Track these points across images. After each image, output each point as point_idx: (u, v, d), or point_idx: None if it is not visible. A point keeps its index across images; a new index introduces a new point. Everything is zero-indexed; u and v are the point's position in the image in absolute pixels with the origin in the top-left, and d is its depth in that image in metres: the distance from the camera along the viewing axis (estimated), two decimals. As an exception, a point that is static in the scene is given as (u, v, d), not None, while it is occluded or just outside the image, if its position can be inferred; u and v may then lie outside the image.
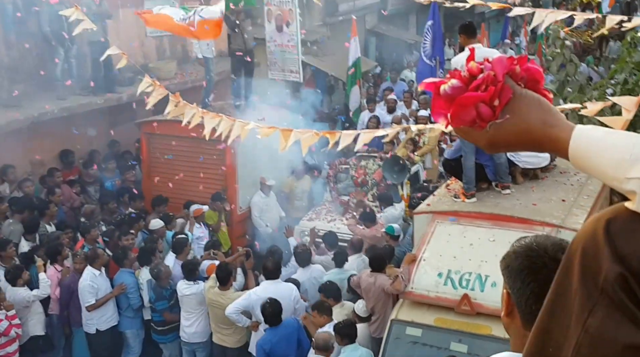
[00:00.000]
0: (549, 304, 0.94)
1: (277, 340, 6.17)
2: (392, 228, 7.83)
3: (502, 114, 1.04)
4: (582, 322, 0.87)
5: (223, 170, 9.26)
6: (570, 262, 0.91)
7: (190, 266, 7.16)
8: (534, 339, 0.96)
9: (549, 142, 1.03)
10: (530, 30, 18.01)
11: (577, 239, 0.92)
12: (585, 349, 0.86)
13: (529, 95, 1.06)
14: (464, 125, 1.07)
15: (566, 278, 0.92)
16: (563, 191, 6.53)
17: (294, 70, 11.41)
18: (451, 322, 5.67)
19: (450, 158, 6.92)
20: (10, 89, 9.29)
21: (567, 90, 6.56)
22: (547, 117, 1.04)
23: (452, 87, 1.06)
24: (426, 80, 1.13)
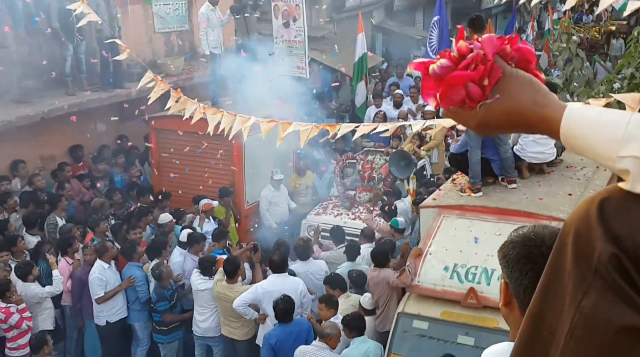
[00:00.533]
0: (543, 287, 0.93)
1: (285, 337, 6.21)
2: (397, 221, 7.91)
3: (492, 94, 1.01)
4: (576, 304, 0.86)
5: (231, 165, 9.34)
6: (564, 244, 0.90)
7: (206, 263, 7.21)
8: (527, 323, 0.94)
9: (541, 122, 1.00)
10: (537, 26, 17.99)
11: (570, 220, 0.91)
12: (580, 330, 0.86)
13: (520, 74, 1.03)
14: (453, 106, 1.04)
15: (559, 260, 0.91)
16: (569, 185, 6.54)
17: (301, 66, 11.46)
18: (457, 316, 5.72)
19: (457, 152, 6.94)
20: (21, 85, 9.39)
21: (573, 85, 6.57)
22: (538, 97, 1.01)
23: (441, 67, 1.03)
24: (415, 61, 1.10)
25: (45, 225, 8.33)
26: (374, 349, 6.03)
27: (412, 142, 10.41)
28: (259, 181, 9.59)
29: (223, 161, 9.34)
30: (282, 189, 9.67)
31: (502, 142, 6.52)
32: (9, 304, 6.63)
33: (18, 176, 9.10)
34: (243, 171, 9.40)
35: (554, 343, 0.88)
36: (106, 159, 10.18)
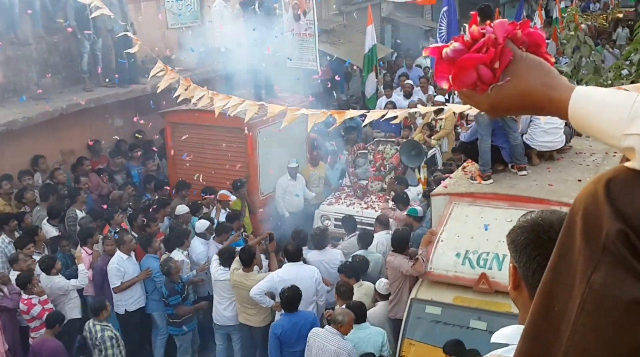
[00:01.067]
0: (553, 265, 0.95)
1: (290, 327, 6.28)
2: (415, 210, 7.97)
3: (503, 77, 1.04)
4: (586, 280, 0.88)
5: (245, 157, 9.50)
6: (573, 223, 0.92)
7: (227, 254, 7.33)
8: (539, 300, 0.96)
9: (549, 104, 1.03)
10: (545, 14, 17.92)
11: (578, 199, 0.92)
12: (590, 305, 0.87)
13: (530, 58, 1.05)
14: (465, 88, 1.07)
15: (569, 238, 0.92)
16: (579, 171, 6.59)
17: (311, 59, 11.57)
18: (470, 301, 5.81)
19: (467, 141, 7.03)
20: (39, 82, 9.60)
21: (582, 73, 6.63)
22: (547, 79, 1.03)
23: (454, 50, 1.06)
24: (430, 46, 1.13)
25: (65, 218, 8.54)
26: (374, 334, 6.11)
27: (422, 131, 10.52)
28: (274, 171, 9.75)
29: (237, 153, 9.51)
30: (299, 179, 9.82)
31: (512, 130, 6.58)
32: (31, 296, 6.79)
33: (39, 171, 9.30)
34: (257, 163, 9.57)
35: (565, 318, 0.90)
36: (123, 153, 10.37)
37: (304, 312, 6.42)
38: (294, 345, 6.27)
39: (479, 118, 6.54)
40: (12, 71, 9.29)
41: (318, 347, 5.79)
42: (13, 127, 8.72)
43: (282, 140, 9.54)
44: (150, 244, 7.75)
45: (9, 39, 9.11)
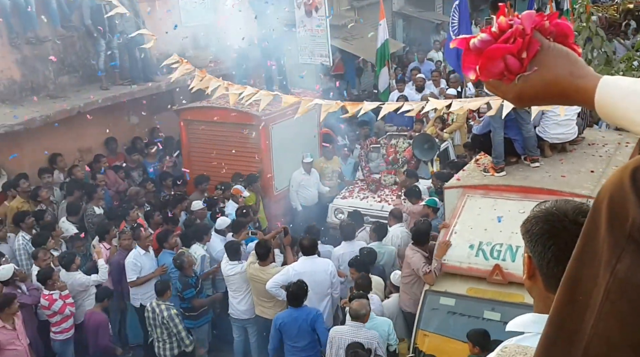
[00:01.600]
0: (578, 253, 0.95)
1: (290, 321, 6.35)
2: (435, 201, 7.97)
3: (530, 67, 1.05)
4: (611, 269, 0.87)
5: (259, 152, 9.61)
6: (598, 211, 0.91)
7: (234, 246, 7.42)
8: (564, 288, 0.96)
9: (576, 93, 1.03)
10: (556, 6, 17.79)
11: (604, 188, 0.91)
12: (615, 294, 0.87)
13: (557, 48, 1.06)
14: (492, 78, 1.08)
15: (594, 226, 0.92)
16: (592, 162, 6.60)
17: (323, 54, 11.65)
18: (483, 292, 5.85)
19: (479, 133, 7.06)
20: (57, 81, 9.76)
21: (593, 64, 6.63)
22: (574, 69, 1.04)
23: (482, 41, 1.08)
24: (457, 38, 1.14)
25: (83, 215, 8.69)
26: (381, 324, 6.15)
27: (434, 125, 10.56)
28: (288, 167, 9.85)
29: (251, 149, 9.62)
30: (313, 173, 9.92)
31: (525, 122, 6.61)
32: (52, 291, 6.89)
33: (57, 169, 9.42)
34: (271, 158, 9.68)
35: (589, 307, 0.90)
36: (139, 150, 10.50)
37: (307, 309, 6.44)
38: (295, 339, 6.35)
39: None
40: (30, 70, 9.45)
41: (345, 343, 5.84)
42: (31, 125, 8.86)
43: (296, 135, 9.64)
44: (166, 240, 7.85)
45: (26, 38, 9.26)
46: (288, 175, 9.94)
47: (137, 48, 10.00)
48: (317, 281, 6.59)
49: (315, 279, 6.61)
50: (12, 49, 9.15)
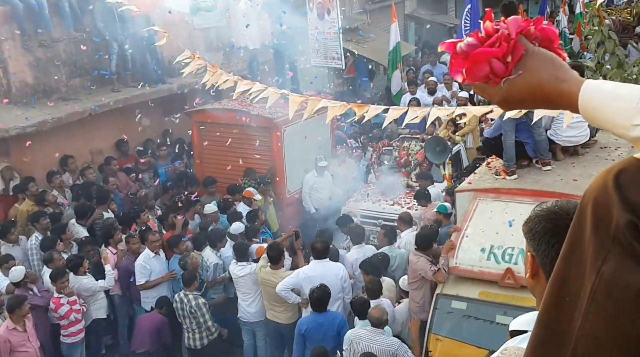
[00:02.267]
0: (564, 254, 0.96)
1: (316, 326, 6.30)
2: (445, 207, 7.90)
3: (515, 70, 1.07)
4: (597, 270, 0.88)
5: (272, 155, 9.63)
6: (583, 213, 0.93)
7: (241, 248, 7.42)
8: (551, 289, 0.97)
9: (560, 97, 1.05)
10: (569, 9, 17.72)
11: (589, 190, 0.93)
12: (601, 295, 0.88)
13: (542, 52, 1.08)
14: (479, 81, 1.10)
15: (580, 228, 0.93)
16: (604, 166, 6.45)
17: (335, 57, 11.67)
18: (495, 296, 5.80)
19: (491, 137, 7.03)
20: (68, 83, 9.84)
21: (606, 68, 6.57)
22: (559, 73, 1.06)
23: (468, 45, 1.10)
24: (446, 42, 1.16)
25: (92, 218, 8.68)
26: None
27: (446, 128, 10.53)
28: (300, 170, 9.85)
29: (263, 152, 9.64)
30: (326, 176, 9.92)
31: (536, 125, 6.57)
32: (60, 295, 6.89)
33: (68, 171, 9.46)
34: (284, 161, 9.69)
35: (577, 307, 0.91)
36: (151, 152, 10.55)
37: (333, 314, 6.41)
38: (316, 343, 6.28)
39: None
40: (42, 72, 9.53)
41: (363, 349, 5.81)
42: (43, 127, 8.92)
43: (308, 138, 9.65)
44: (177, 245, 7.82)
45: (39, 41, 9.35)
46: (300, 178, 9.95)
47: (148, 51, 10.06)
48: (329, 284, 6.58)
49: (326, 283, 6.60)
50: (24, 51, 9.24)
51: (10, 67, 9.06)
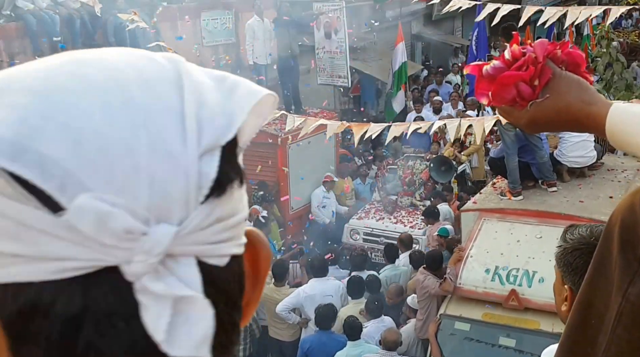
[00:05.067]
0: (590, 276, 0.95)
1: (318, 346, 6.21)
2: (446, 230, 7.84)
3: (542, 93, 1.07)
4: (623, 292, 0.88)
5: (275, 171, 9.67)
6: (610, 234, 0.92)
7: None
8: (575, 311, 0.97)
9: (587, 120, 1.04)
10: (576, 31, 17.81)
11: (616, 211, 0.93)
12: (627, 318, 0.87)
13: (569, 76, 1.08)
14: (505, 104, 1.10)
15: (606, 250, 0.92)
16: (610, 187, 6.53)
17: (342, 76, 11.76)
18: (499, 317, 5.76)
19: (496, 157, 7.03)
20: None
21: (613, 89, 6.60)
22: (586, 96, 1.05)
23: (494, 68, 1.10)
24: (471, 64, 1.17)
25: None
26: (368, 351, 5.98)
27: (452, 147, 10.55)
28: (305, 186, 9.88)
29: (268, 168, 9.68)
30: (332, 193, 9.96)
31: (537, 148, 6.56)
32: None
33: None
34: (288, 177, 9.73)
35: (602, 330, 0.90)
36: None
37: (337, 335, 6.31)
38: None
39: (504, 136, 6.55)
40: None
41: None
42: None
43: (312, 156, 9.68)
44: None
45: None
46: (305, 195, 9.97)
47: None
48: (329, 303, 6.54)
49: (327, 301, 6.56)
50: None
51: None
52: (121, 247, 0.45)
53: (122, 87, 0.48)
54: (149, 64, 0.51)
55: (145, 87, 0.49)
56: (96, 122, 0.46)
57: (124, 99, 0.47)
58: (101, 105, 0.47)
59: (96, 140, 0.45)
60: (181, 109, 0.49)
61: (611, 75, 6.67)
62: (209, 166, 0.49)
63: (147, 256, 0.46)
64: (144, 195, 0.46)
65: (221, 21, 11.75)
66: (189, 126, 0.48)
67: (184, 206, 0.48)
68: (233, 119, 0.51)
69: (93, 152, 0.45)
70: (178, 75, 0.51)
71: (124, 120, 0.47)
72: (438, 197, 9.16)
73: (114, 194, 0.45)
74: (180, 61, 0.53)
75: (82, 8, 9.86)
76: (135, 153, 0.46)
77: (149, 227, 0.46)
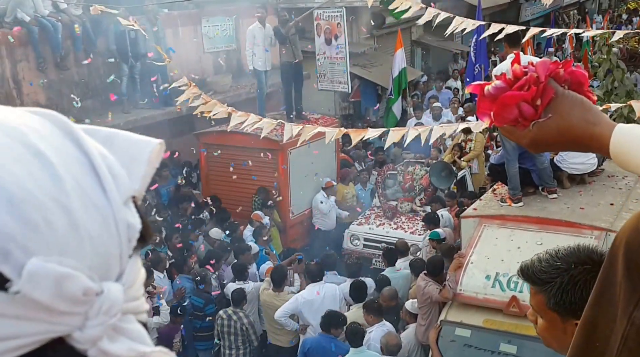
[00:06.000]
0: (595, 298, 0.94)
1: (319, 348, 6.23)
2: (437, 233, 7.88)
3: (545, 114, 1.06)
4: (628, 315, 0.87)
5: (276, 177, 9.69)
6: (615, 256, 0.91)
7: (239, 267, 7.46)
8: (581, 333, 0.96)
9: (591, 140, 1.03)
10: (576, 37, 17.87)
11: (620, 233, 0.92)
12: (632, 341, 0.86)
13: (571, 95, 1.06)
14: (507, 124, 1.09)
15: (611, 272, 0.91)
16: (611, 194, 6.53)
17: (342, 81, 11.80)
18: (500, 324, 5.75)
19: (497, 163, 7.04)
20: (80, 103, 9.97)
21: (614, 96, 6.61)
22: (589, 116, 1.04)
23: (496, 88, 1.09)
24: (472, 84, 1.16)
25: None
26: None
27: (452, 153, 10.56)
28: (306, 192, 9.89)
29: (269, 174, 9.70)
30: (331, 199, 9.98)
31: (539, 154, 6.58)
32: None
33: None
34: (289, 183, 9.74)
35: (607, 353, 0.90)
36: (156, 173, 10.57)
37: (340, 342, 6.29)
38: None
39: (504, 142, 6.57)
40: (55, 94, 9.65)
41: None
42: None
43: (313, 161, 9.71)
44: (185, 263, 7.80)
45: (55, 63, 9.51)
46: (305, 200, 9.99)
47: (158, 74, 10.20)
48: (327, 306, 6.55)
49: (324, 305, 6.56)
50: (38, 73, 9.38)
51: (24, 89, 9.20)
52: (75, 312, 0.42)
53: (23, 142, 0.45)
54: (28, 119, 0.49)
55: (45, 141, 0.46)
56: (19, 178, 0.43)
57: (33, 152, 0.45)
58: (13, 161, 0.44)
59: (28, 197, 0.42)
60: (88, 160, 0.47)
61: (611, 82, 6.69)
62: (133, 217, 0.48)
63: (105, 316, 0.43)
64: (87, 253, 0.44)
65: (222, 27, 11.79)
66: (104, 177, 0.47)
67: (119, 261, 0.46)
68: (132, 170, 0.50)
69: (29, 212, 0.42)
70: (62, 128, 0.49)
71: (43, 175, 0.44)
72: (437, 202, 9.16)
73: (59, 255, 0.42)
74: (53, 115, 0.51)
75: (84, 15, 9.90)
76: (69, 208, 0.44)
77: (99, 286, 0.44)
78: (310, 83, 11.90)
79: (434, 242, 7.84)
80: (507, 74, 1.10)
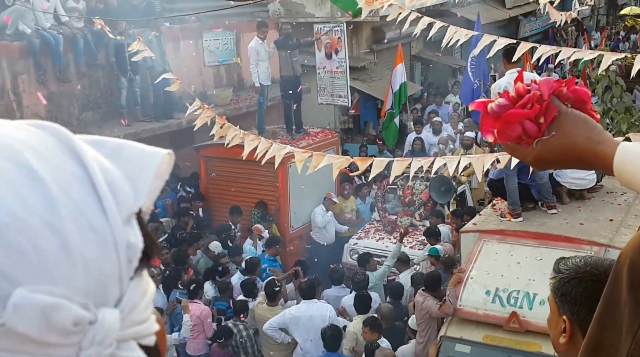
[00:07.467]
0: (599, 317, 0.94)
1: None
2: (437, 250, 7.86)
3: (548, 131, 1.06)
4: (633, 334, 0.86)
5: (276, 191, 9.68)
6: (619, 275, 0.91)
7: (249, 285, 7.45)
8: (585, 352, 0.95)
9: (594, 158, 1.04)
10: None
11: (624, 251, 0.92)
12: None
13: (575, 114, 1.07)
14: (510, 142, 1.09)
15: (615, 290, 0.91)
16: (610, 210, 6.53)
17: (342, 95, 11.86)
18: (500, 340, 5.72)
19: (496, 178, 7.05)
20: (80, 116, 10.00)
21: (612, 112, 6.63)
22: (593, 135, 1.05)
23: (499, 106, 1.09)
24: (476, 101, 1.16)
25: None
26: None
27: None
28: (305, 206, 9.89)
29: (269, 187, 9.69)
30: (329, 213, 9.98)
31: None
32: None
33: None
34: (288, 197, 9.74)
35: None
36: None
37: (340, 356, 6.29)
38: None
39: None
40: (55, 106, 9.68)
41: None
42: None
43: (313, 175, 9.68)
44: (179, 279, 7.76)
45: (55, 75, 9.55)
46: (304, 214, 9.98)
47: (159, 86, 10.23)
48: (315, 326, 6.51)
49: (313, 324, 6.53)
50: (38, 85, 9.41)
51: (24, 101, 9.22)
52: (66, 343, 0.40)
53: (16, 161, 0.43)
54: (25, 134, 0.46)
55: (40, 158, 0.44)
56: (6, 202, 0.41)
57: (25, 172, 0.42)
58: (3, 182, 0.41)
59: (14, 223, 0.40)
60: (87, 176, 0.45)
61: (610, 99, 6.70)
62: (134, 236, 0.45)
63: (99, 347, 0.41)
64: (81, 278, 0.41)
65: (223, 41, 11.86)
66: (103, 194, 0.44)
67: (118, 285, 0.44)
68: (138, 184, 0.47)
69: (15, 238, 0.39)
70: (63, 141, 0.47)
71: (35, 196, 0.42)
72: (437, 217, 9.16)
73: (49, 284, 0.39)
74: (54, 127, 0.49)
75: (86, 28, 9.96)
76: (62, 231, 0.41)
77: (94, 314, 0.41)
78: (310, 97, 11.95)
79: (432, 258, 7.81)
80: (509, 91, 1.10)
